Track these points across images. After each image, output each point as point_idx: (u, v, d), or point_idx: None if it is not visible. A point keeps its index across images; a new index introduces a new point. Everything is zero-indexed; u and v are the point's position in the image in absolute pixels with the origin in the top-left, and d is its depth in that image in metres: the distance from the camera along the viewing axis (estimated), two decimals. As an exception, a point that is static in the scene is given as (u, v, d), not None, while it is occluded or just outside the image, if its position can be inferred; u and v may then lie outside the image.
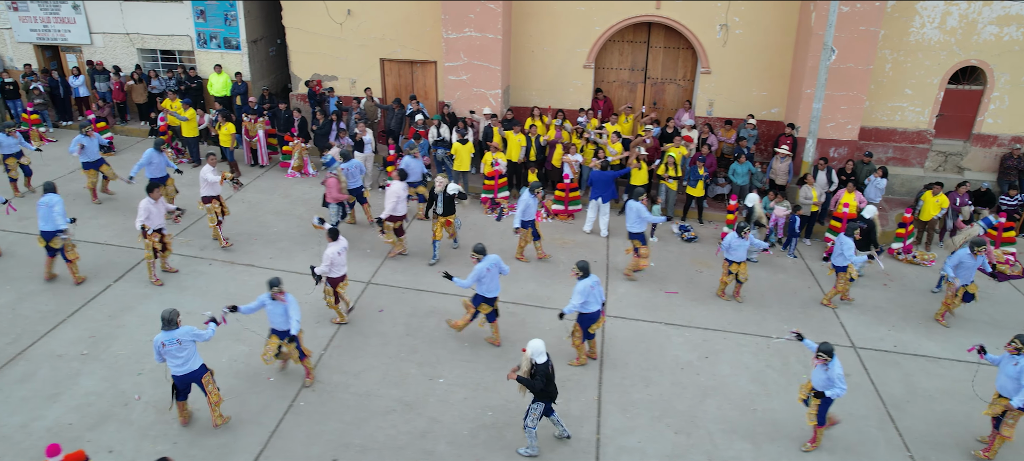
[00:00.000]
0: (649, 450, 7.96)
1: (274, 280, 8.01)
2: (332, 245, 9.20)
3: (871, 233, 11.33)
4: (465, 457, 7.70)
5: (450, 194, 11.26)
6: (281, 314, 8.14)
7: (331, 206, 11.86)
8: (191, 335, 7.46)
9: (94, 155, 12.72)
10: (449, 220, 11.42)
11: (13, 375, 8.56)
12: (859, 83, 13.39)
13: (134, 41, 17.10)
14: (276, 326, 8.20)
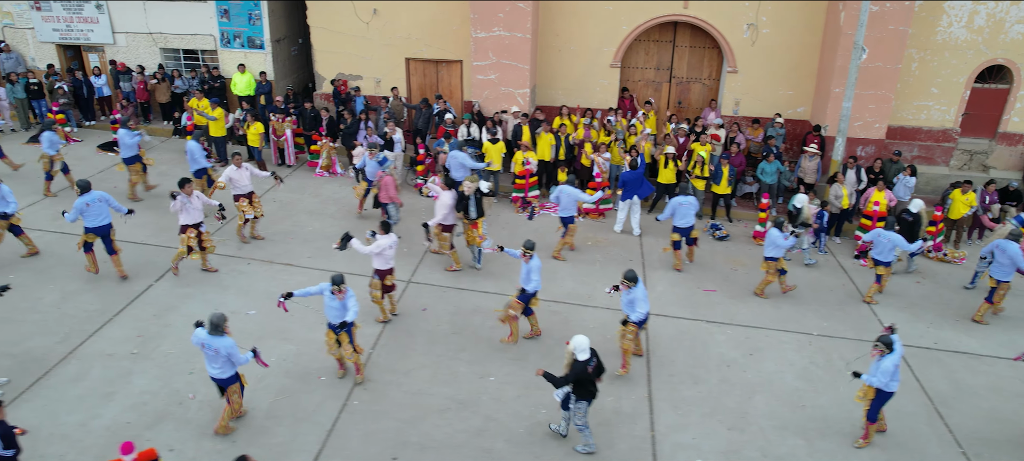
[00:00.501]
0: (704, 446, 8.02)
1: (337, 277, 8.04)
2: (385, 237, 9.25)
3: (916, 227, 11.47)
4: (523, 455, 7.74)
5: (483, 192, 11.05)
6: (339, 308, 8.16)
7: (390, 206, 11.84)
8: (228, 350, 7.33)
9: (133, 150, 12.71)
10: (477, 223, 11.08)
11: (66, 374, 8.56)
12: (887, 82, 13.48)
13: (157, 40, 17.08)
14: (333, 320, 8.23)
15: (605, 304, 10.66)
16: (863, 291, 11.51)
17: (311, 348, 9.26)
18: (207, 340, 7.35)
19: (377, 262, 9.35)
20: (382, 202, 11.77)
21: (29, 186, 13.56)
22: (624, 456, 7.84)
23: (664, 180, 13.44)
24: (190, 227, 10.41)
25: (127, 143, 12.74)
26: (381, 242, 9.19)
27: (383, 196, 11.66)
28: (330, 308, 8.22)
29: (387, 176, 11.53)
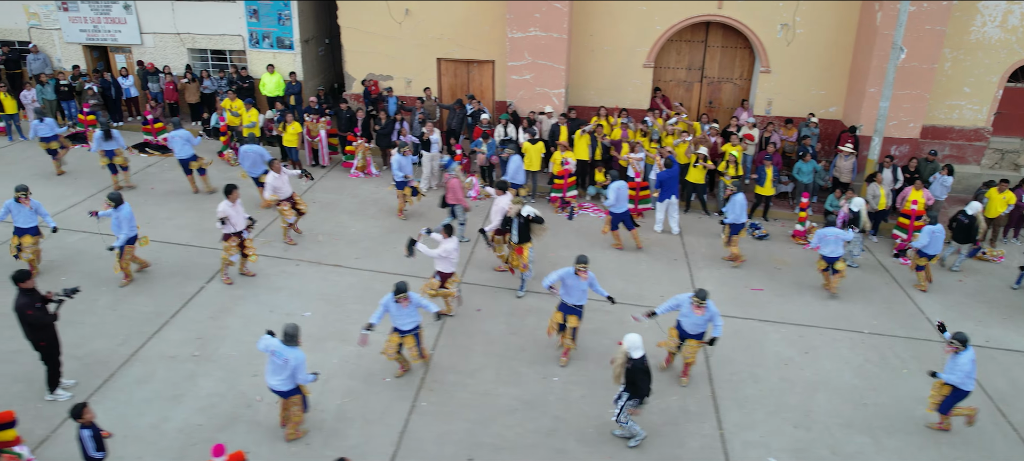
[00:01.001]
0: (773, 444, 8.07)
1: (401, 285, 8.04)
2: (449, 241, 9.25)
3: (973, 229, 11.61)
4: (596, 455, 7.77)
5: (525, 217, 10.29)
6: (407, 314, 8.16)
7: (457, 208, 11.87)
8: (297, 365, 7.20)
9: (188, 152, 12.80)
10: (522, 248, 10.42)
11: (132, 376, 8.54)
12: (923, 82, 13.58)
13: (184, 41, 17.01)
14: (401, 326, 8.23)
15: (657, 303, 10.70)
16: (906, 289, 11.61)
17: (371, 350, 9.23)
18: (278, 349, 7.27)
19: (441, 265, 9.36)
20: (449, 203, 11.76)
21: (72, 187, 13.51)
22: (696, 454, 7.89)
23: (692, 180, 13.48)
24: (232, 236, 10.36)
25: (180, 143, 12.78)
26: (447, 245, 9.20)
27: (450, 198, 11.65)
28: (397, 315, 8.20)
29: (453, 178, 11.51)
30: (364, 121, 14.75)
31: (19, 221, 10.08)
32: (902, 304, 11.17)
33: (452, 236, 9.35)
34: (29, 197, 10.09)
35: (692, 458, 7.83)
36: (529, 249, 10.46)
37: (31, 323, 7.65)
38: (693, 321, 8.53)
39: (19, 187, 10.01)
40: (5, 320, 9.36)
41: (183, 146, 12.90)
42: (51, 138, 13.64)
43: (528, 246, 10.43)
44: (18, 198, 9.91)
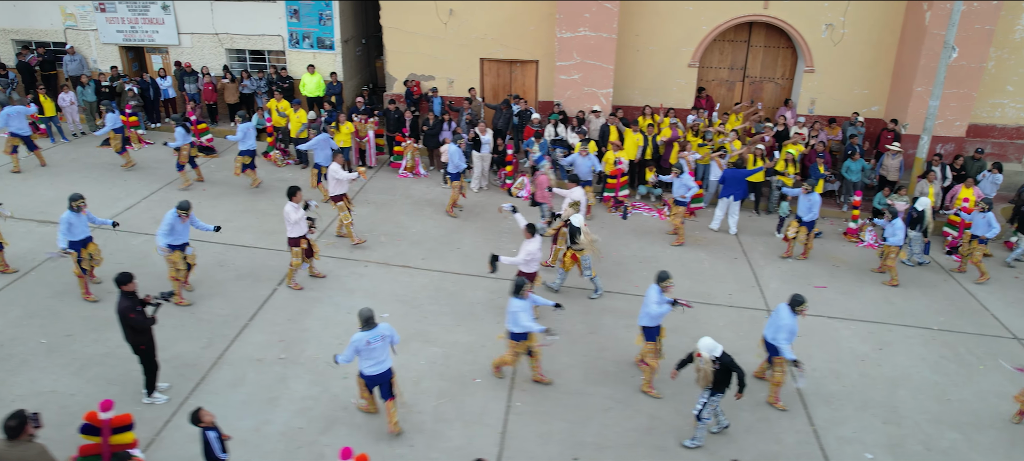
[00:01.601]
0: (867, 440, 8.16)
1: (520, 282, 8.03)
2: (532, 241, 9.28)
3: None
4: (698, 453, 7.83)
5: (576, 226, 10.15)
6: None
7: (544, 206, 11.86)
8: (390, 333, 7.54)
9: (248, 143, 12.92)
10: (576, 254, 10.32)
11: (223, 379, 8.50)
12: (971, 81, 13.76)
13: (223, 41, 16.92)
14: (516, 329, 8.20)
15: (726, 302, 10.81)
16: (965, 285, 11.76)
17: (457, 350, 9.29)
18: (371, 335, 7.33)
19: (525, 267, 9.38)
20: (538, 202, 11.79)
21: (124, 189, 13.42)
22: (793, 449, 7.96)
23: (751, 178, 13.57)
24: (301, 239, 10.30)
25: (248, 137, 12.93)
26: (529, 246, 9.23)
27: (540, 196, 11.71)
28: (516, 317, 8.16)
29: (541, 176, 11.54)
30: (412, 121, 14.73)
31: (77, 233, 9.50)
32: (964, 301, 11.32)
33: (535, 235, 9.37)
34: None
35: (791, 454, 7.90)
36: (584, 258, 10.29)
37: (133, 326, 7.61)
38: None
39: (74, 196, 9.54)
40: (87, 324, 9.35)
41: (249, 138, 12.87)
42: (120, 129, 13.72)
43: (582, 254, 10.28)
44: (77, 207, 9.44)
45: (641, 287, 11.06)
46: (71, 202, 9.37)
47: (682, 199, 12.37)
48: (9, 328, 9.14)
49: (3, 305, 9.62)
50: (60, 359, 8.65)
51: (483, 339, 9.54)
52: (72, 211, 9.37)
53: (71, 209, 9.37)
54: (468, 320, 9.97)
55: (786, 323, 7.94)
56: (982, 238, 11.53)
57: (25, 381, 8.22)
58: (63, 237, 9.35)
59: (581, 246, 10.20)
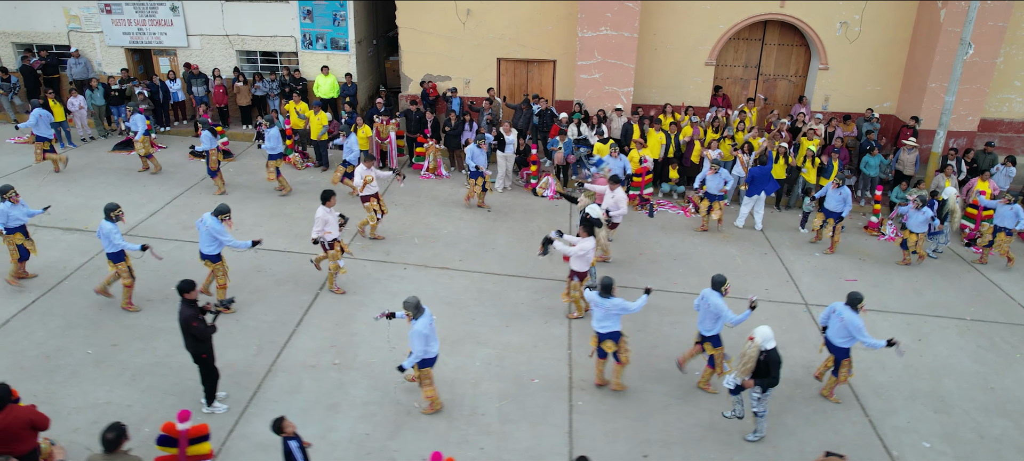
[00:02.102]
0: (922, 429, 8.33)
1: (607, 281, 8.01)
2: (587, 240, 9.30)
3: None
4: (763, 446, 7.92)
5: (591, 217, 10.22)
6: (612, 318, 8.13)
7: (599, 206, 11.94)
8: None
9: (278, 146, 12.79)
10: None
11: (280, 387, 8.38)
12: (984, 76, 14.11)
13: (233, 43, 16.64)
14: (602, 329, 8.20)
15: (764, 297, 10.93)
16: (987, 276, 12.06)
17: (509, 351, 9.27)
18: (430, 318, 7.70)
19: (577, 264, 9.40)
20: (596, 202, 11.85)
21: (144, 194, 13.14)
22: (853, 440, 8.08)
23: (775, 175, 13.75)
24: (336, 242, 10.21)
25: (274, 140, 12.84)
26: (585, 244, 9.25)
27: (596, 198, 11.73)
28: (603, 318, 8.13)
29: (599, 176, 11.56)
30: (434, 122, 14.66)
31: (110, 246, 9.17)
32: (990, 291, 11.60)
33: (591, 234, 9.39)
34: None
35: (851, 444, 8.02)
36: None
37: (195, 335, 7.46)
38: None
39: (110, 206, 9.12)
40: (131, 333, 9.14)
41: (277, 142, 12.72)
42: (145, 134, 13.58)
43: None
44: (115, 216, 9.12)
45: (681, 283, 11.17)
46: (108, 212, 9.09)
47: (723, 193, 12.56)
48: (52, 339, 8.91)
49: (42, 315, 9.37)
50: (110, 369, 8.45)
51: (534, 339, 9.54)
52: (110, 221, 9.09)
53: (109, 220, 9.08)
54: (515, 320, 9.96)
55: (855, 322, 8.01)
56: (1008, 230, 11.83)
57: (78, 393, 8.01)
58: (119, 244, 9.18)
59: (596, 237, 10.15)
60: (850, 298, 8.19)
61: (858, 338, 8.08)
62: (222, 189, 13.29)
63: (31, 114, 13.18)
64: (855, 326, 8.05)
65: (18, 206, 9.51)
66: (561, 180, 14.49)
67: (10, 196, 9.38)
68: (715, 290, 8.26)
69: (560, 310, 10.27)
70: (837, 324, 8.24)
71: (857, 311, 8.12)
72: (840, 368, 8.38)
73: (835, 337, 8.28)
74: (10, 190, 9.41)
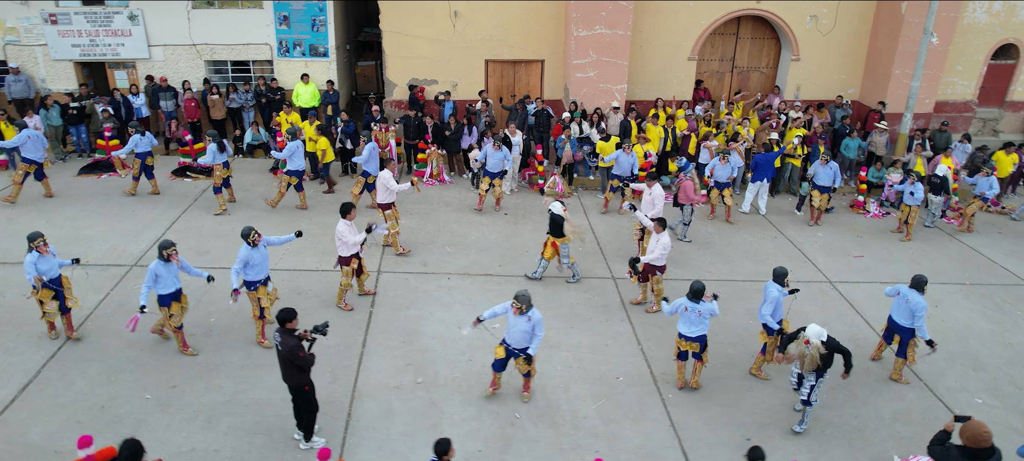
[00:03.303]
0: (970, 387, 9.09)
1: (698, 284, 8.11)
2: (666, 235, 9.48)
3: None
4: (847, 417, 8.39)
5: (555, 214, 10.21)
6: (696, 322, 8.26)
7: (685, 207, 12.19)
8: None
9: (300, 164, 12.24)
10: (556, 242, 10.43)
11: (371, 413, 7.98)
12: (938, 62, 15.51)
13: (201, 52, 15.52)
14: (690, 333, 8.30)
15: (792, 279, 11.50)
16: (966, 243, 13.27)
17: (583, 351, 9.30)
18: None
19: (660, 262, 9.59)
20: (680, 203, 12.16)
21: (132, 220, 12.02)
22: (917, 403, 8.64)
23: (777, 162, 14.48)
24: (352, 258, 9.75)
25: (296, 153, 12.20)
26: (664, 239, 9.41)
27: (681, 198, 12.06)
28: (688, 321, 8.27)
29: (687, 180, 11.76)
30: (434, 127, 14.35)
31: (166, 286, 8.29)
32: (973, 257, 12.79)
33: (666, 229, 9.59)
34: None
35: (918, 408, 8.63)
36: (563, 245, 10.42)
37: (301, 366, 6.98)
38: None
39: (166, 244, 8.21)
40: (185, 372, 8.39)
41: (297, 158, 12.02)
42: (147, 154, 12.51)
43: (561, 241, 10.36)
44: (169, 256, 8.24)
45: (714, 271, 11.56)
46: (163, 250, 8.22)
47: (730, 181, 13.11)
48: (99, 387, 8.03)
49: (76, 363, 8.41)
50: (179, 414, 7.74)
51: (602, 338, 9.61)
52: (162, 260, 8.21)
53: (161, 259, 8.21)
54: (577, 321, 9.98)
55: (922, 304, 8.48)
56: (985, 197, 13.10)
57: (155, 442, 7.27)
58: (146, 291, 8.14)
59: (565, 235, 10.28)
60: (916, 280, 8.63)
61: (916, 323, 8.55)
62: (223, 207, 12.43)
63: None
64: (921, 308, 8.50)
65: (47, 257, 8.35)
66: (566, 178, 14.58)
67: (38, 246, 8.21)
68: (777, 283, 8.55)
69: (615, 306, 10.39)
70: (902, 306, 8.69)
71: (923, 293, 8.57)
72: (908, 349, 8.83)
73: (901, 318, 8.75)
74: (39, 238, 8.27)
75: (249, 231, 8.47)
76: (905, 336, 8.82)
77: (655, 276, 9.85)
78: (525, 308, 7.79)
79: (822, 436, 8.11)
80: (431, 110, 15.47)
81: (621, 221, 13.31)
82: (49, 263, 8.38)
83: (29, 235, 8.33)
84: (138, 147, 12.39)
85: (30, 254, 8.26)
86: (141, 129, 12.34)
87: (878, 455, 7.86)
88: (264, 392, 8.14)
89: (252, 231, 8.51)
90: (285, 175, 12.26)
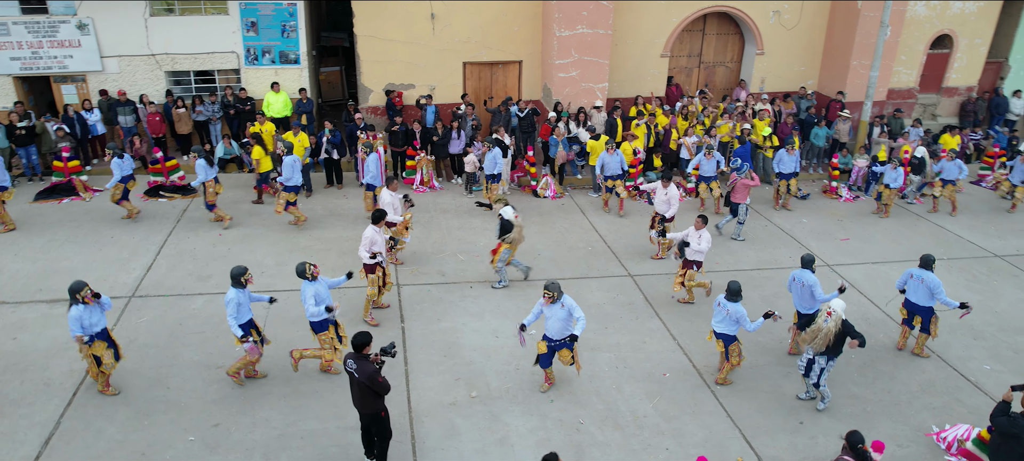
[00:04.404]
0: (976, 355, 9.70)
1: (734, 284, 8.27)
2: (706, 231, 9.66)
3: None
4: (879, 392, 8.82)
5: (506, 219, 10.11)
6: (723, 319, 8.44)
7: (740, 206, 12.42)
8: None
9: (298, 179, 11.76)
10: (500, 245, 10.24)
11: (434, 433, 7.69)
12: (891, 52, 16.56)
13: (161, 63, 14.45)
14: (717, 328, 8.49)
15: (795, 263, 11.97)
16: (933, 221, 14.22)
17: (624, 350, 9.35)
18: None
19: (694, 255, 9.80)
20: (734, 201, 12.44)
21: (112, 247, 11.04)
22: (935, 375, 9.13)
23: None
24: (377, 266, 9.54)
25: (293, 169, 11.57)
26: (707, 233, 9.63)
27: (735, 196, 12.38)
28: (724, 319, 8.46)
29: (741, 178, 12.10)
30: (423, 133, 14.01)
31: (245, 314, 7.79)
32: (942, 234, 13.73)
33: (706, 223, 9.77)
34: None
35: (937, 378, 9.15)
36: (504, 250, 10.23)
37: (379, 392, 6.63)
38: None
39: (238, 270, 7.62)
40: (226, 407, 7.81)
41: (295, 172, 11.38)
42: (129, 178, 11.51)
43: (504, 247, 10.21)
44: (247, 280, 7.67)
45: (721, 262, 11.85)
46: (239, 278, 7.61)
47: (715, 175, 13.48)
48: (134, 433, 7.34)
49: (99, 408, 7.65)
50: (231, 454, 7.20)
51: (639, 336, 9.68)
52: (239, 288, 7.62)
53: (239, 286, 7.61)
54: (610, 321, 10.01)
55: (936, 281, 9.00)
56: (954, 181, 14.07)
57: (215, 488, 6.74)
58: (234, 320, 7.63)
59: (511, 239, 10.10)
60: (923, 260, 9.12)
61: (938, 297, 9.04)
62: (227, 218, 11.71)
63: None
64: (936, 284, 9.01)
65: (94, 306, 7.45)
66: (557, 179, 14.59)
67: (84, 296, 7.33)
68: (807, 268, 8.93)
69: (640, 304, 10.49)
70: (919, 287, 9.16)
71: (932, 270, 9.05)
72: (930, 324, 9.33)
73: (919, 299, 9.21)
74: (84, 288, 7.36)
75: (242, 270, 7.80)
76: (926, 315, 9.31)
77: (691, 270, 10.02)
78: (557, 295, 7.90)
79: (864, 413, 8.48)
80: (410, 115, 15.11)
81: (623, 221, 13.37)
82: (95, 315, 7.47)
83: (71, 287, 7.33)
84: (123, 172, 11.38)
85: (75, 308, 7.32)
86: (119, 150, 11.34)
87: (919, 425, 8.31)
88: (316, 421, 7.70)
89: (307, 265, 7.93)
90: (284, 192, 11.58)
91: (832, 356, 8.09)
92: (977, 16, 17.76)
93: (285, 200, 11.66)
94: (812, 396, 8.48)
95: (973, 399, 8.86)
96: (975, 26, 17.88)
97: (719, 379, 8.79)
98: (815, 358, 8.12)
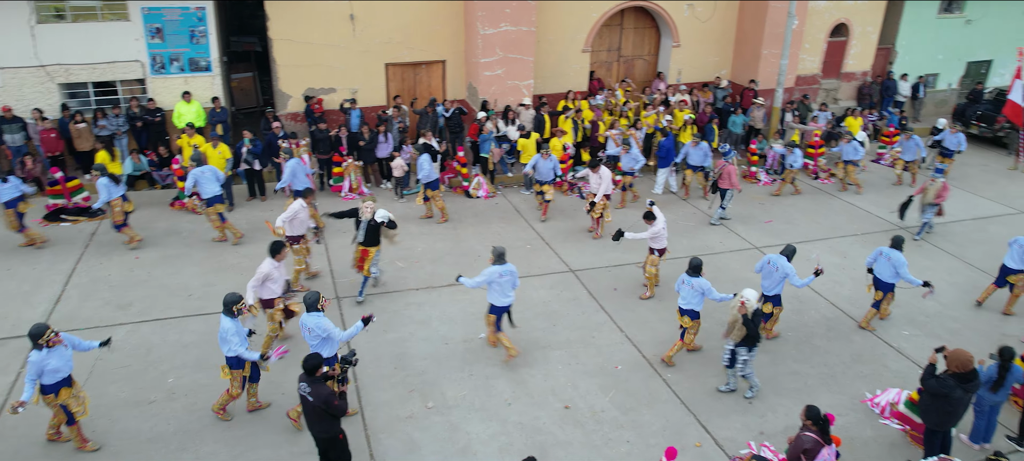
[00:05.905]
0: (896, 321, 10.39)
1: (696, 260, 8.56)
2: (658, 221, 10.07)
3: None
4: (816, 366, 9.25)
5: (378, 222, 9.66)
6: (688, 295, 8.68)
7: (728, 192, 12.76)
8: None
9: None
10: (367, 252, 9.76)
11: (395, 449, 7.43)
12: (798, 41, 17.45)
13: (53, 75, 13.22)
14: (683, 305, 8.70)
15: (741, 247, 12.39)
16: (842, 199, 15.12)
17: (574, 347, 9.36)
18: (503, 269, 8.60)
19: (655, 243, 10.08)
20: (721, 187, 12.72)
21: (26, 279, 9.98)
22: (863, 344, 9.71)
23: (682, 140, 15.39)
24: (278, 300, 8.61)
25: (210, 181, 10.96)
26: (655, 226, 9.84)
27: (723, 182, 12.67)
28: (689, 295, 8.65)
29: (729, 165, 12.52)
30: (350, 139, 13.53)
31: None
32: (852, 210, 14.59)
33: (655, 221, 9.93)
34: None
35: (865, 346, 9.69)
36: (376, 253, 9.86)
37: (335, 414, 6.30)
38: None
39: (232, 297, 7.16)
40: (178, 442, 7.24)
41: (212, 184, 10.65)
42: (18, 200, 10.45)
43: (375, 250, 9.81)
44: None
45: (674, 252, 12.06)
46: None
47: (631, 170, 13.68)
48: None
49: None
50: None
51: (588, 331, 9.74)
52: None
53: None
54: (556, 318, 10.01)
55: (902, 260, 9.48)
56: (855, 161, 14.98)
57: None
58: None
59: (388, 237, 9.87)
60: (895, 241, 9.62)
61: (902, 275, 9.49)
62: (136, 240, 10.85)
63: None
64: (901, 263, 9.48)
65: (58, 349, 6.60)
66: (488, 178, 14.46)
67: (49, 340, 6.51)
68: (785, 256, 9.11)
69: (584, 298, 10.54)
70: (885, 264, 9.65)
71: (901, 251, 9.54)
72: (883, 303, 9.90)
73: (885, 276, 9.69)
74: (46, 331, 6.55)
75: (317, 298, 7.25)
76: (887, 290, 9.81)
77: (653, 256, 10.19)
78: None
79: (806, 387, 8.87)
80: (333, 121, 14.56)
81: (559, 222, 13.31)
82: (60, 358, 6.62)
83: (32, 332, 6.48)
84: (5, 197, 10.32)
85: (35, 353, 6.47)
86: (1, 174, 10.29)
87: (855, 393, 8.77)
88: (268, 450, 7.27)
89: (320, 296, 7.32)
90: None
91: (751, 346, 8.18)
92: (868, 6, 19.01)
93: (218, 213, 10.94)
94: (732, 388, 8.58)
95: (897, 364, 9.45)
96: (867, 15, 19.13)
97: (666, 357, 8.96)
98: (735, 349, 8.26)
